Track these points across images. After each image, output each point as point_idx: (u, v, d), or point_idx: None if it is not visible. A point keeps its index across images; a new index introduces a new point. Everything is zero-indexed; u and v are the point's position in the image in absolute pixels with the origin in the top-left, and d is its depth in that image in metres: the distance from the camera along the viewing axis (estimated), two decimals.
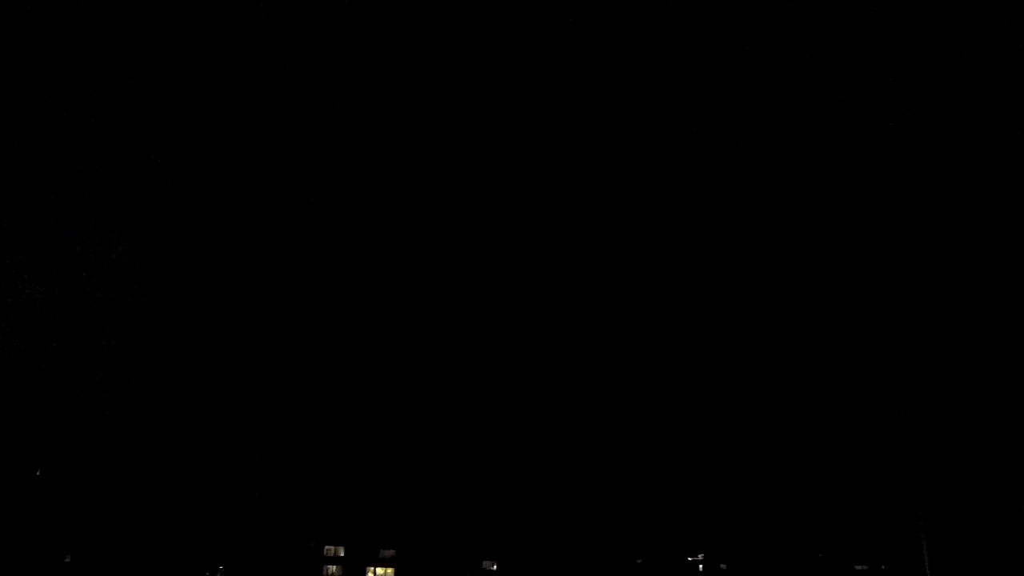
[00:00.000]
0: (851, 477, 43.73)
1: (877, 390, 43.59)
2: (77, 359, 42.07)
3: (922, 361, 42.68)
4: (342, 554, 46.38)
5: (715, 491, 46.25)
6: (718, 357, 46.85)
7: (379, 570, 46.41)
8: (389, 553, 46.72)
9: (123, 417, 43.13)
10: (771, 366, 45.91)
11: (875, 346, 43.68)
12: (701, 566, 45.71)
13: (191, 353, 44.86)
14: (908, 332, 42.94)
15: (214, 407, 45.10)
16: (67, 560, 39.64)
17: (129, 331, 42.90)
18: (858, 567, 42.67)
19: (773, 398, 45.90)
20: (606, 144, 43.37)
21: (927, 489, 41.35)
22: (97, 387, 42.42)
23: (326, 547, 46.33)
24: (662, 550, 46.36)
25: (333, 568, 46.22)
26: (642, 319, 46.96)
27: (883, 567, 41.98)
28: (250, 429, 45.54)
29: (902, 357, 43.06)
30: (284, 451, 45.89)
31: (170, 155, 40.03)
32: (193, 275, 43.39)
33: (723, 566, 45.00)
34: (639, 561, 46.35)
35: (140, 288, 41.55)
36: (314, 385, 46.53)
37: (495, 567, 47.00)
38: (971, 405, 41.46)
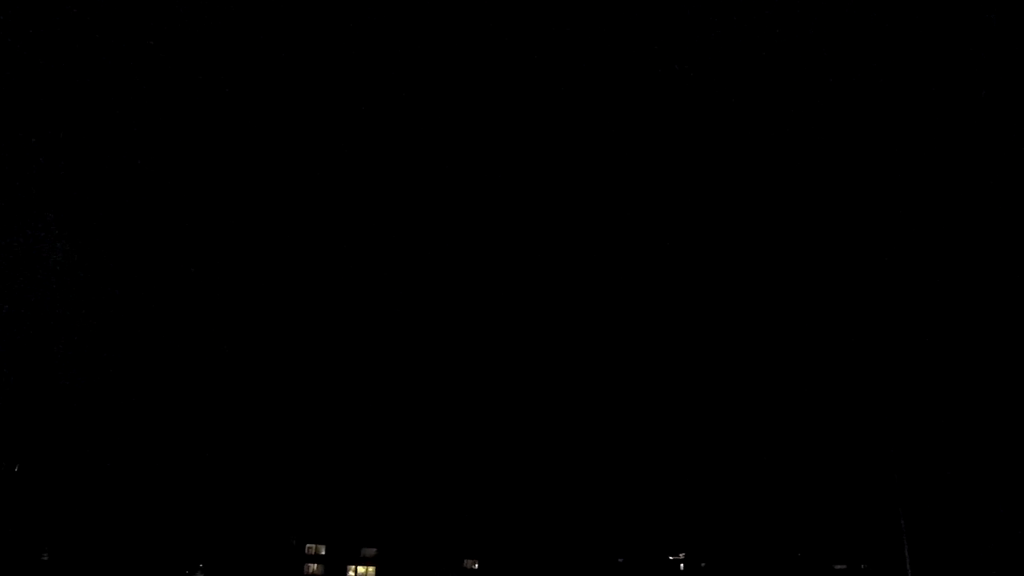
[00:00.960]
0: (831, 477, 43.69)
1: (858, 391, 43.54)
2: (62, 357, 42.02)
3: (903, 363, 42.63)
4: (323, 552, 46.36)
5: (696, 491, 46.22)
6: (701, 360, 46.81)
7: (360, 568, 46.37)
8: (370, 552, 46.69)
9: (104, 415, 43.08)
10: (753, 369, 45.87)
11: (856, 348, 43.62)
12: (682, 565, 45.68)
13: (179, 352, 44.82)
14: (888, 334, 42.88)
15: (196, 406, 45.05)
16: (44, 558, 39.58)
17: (111, 330, 42.86)
18: (838, 566, 42.64)
19: (755, 400, 45.86)
20: (606, 145, 43.24)
21: (908, 488, 41.30)
22: (81, 386, 42.37)
23: (307, 545, 46.28)
24: (643, 549, 46.34)
25: (314, 566, 46.17)
26: (622, 323, 46.91)
27: (863, 566, 41.92)
28: (232, 428, 45.50)
29: (883, 359, 43.00)
30: (266, 450, 45.85)
31: (116, 155, 39.69)
32: (147, 274, 43.18)
33: (703, 565, 44.97)
34: (620, 560, 46.33)
35: (101, 287, 41.46)
36: (295, 385, 46.48)
37: (476, 566, 46.96)
38: (951, 406, 41.40)
